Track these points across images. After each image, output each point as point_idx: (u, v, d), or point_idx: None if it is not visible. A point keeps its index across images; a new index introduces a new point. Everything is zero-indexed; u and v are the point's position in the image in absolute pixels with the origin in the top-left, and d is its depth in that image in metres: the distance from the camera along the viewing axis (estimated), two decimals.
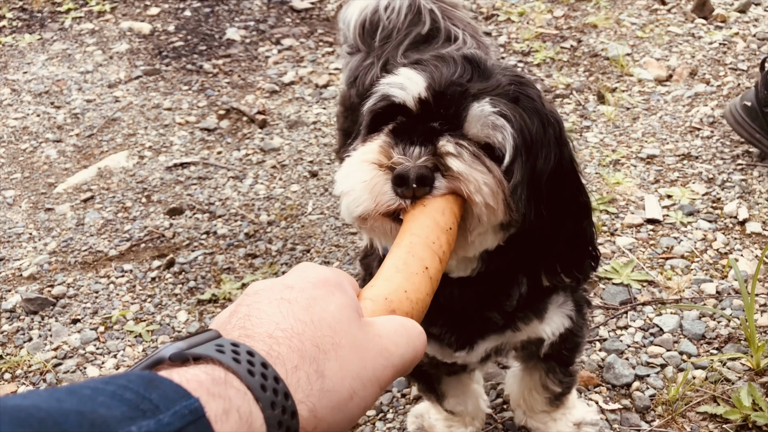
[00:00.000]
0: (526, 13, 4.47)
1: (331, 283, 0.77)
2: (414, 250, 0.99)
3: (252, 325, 0.70)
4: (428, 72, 1.23)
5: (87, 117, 3.93)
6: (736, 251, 2.63)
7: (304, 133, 3.62)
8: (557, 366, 1.85)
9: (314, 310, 0.73)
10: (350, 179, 1.18)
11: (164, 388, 0.59)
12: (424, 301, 0.93)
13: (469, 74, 1.21)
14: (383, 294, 0.89)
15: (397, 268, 0.95)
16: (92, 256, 2.95)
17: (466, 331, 1.53)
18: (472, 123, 1.17)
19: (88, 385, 0.58)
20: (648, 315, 2.40)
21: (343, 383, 0.70)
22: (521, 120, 1.20)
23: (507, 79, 1.23)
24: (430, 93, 1.19)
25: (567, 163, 1.32)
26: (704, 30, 4.13)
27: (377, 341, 0.75)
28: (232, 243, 2.94)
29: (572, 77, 3.81)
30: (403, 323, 0.81)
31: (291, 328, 0.70)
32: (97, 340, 2.55)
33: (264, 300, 0.73)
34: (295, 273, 0.79)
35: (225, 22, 4.81)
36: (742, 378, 2.16)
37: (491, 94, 1.19)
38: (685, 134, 3.30)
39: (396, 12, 2.13)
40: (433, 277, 0.97)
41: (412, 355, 0.79)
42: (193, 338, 0.68)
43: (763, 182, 2.95)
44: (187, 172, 3.41)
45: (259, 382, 0.64)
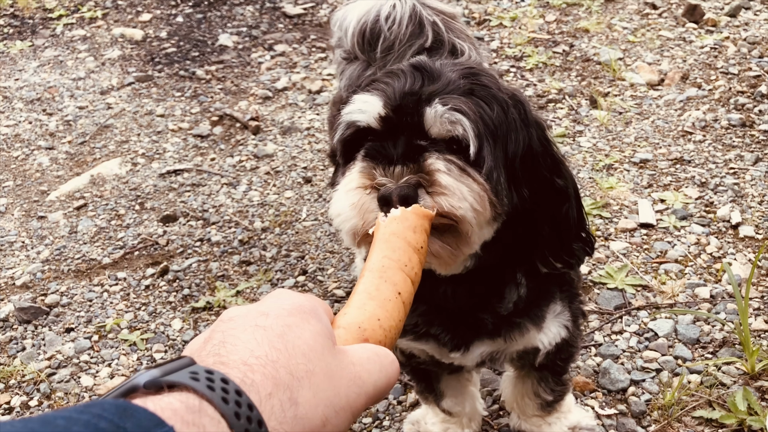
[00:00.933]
0: (518, 17, 4.48)
1: (306, 311, 0.78)
2: (386, 275, 0.99)
3: (227, 352, 0.71)
4: (381, 90, 1.29)
5: (79, 124, 3.91)
6: (730, 255, 2.64)
7: (297, 139, 3.62)
8: (550, 376, 1.87)
9: (289, 337, 0.73)
10: (339, 204, 1.24)
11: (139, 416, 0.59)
12: (397, 328, 0.94)
13: (420, 81, 1.27)
14: (356, 322, 0.90)
15: (370, 295, 0.95)
16: (85, 264, 2.94)
17: (460, 332, 1.55)
18: (431, 125, 1.23)
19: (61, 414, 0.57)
20: (643, 320, 2.41)
21: (316, 411, 0.70)
22: (478, 109, 1.25)
23: (457, 74, 1.29)
24: (389, 109, 1.26)
25: (537, 145, 1.35)
26: (695, 34, 4.15)
27: (350, 369, 0.76)
28: (226, 250, 2.93)
29: (565, 82, 3.82)
30: (376, 351, 0.82)
31: (265, 355, 0.70)
32: (91, 349, 2.54)
33: (239, 327, 0.74)
34: (270, 300, 0.80)
35: (217, 28, 4.81)
36: (737, 382, 2.16)
37: (441, 93, 1.25)
38: (677, 138, 3.32)
39: (398, 23, 2.12)
40: (406, 301, 0.98)
41: (384, 382, 0.80)
42: (167, 365, 0.68)
43: (755, 186, 2.97)
44: (181, 179, 3.40)
45: (233, 409, 0.64)
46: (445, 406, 1.96)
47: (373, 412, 2.21)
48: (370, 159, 1.24)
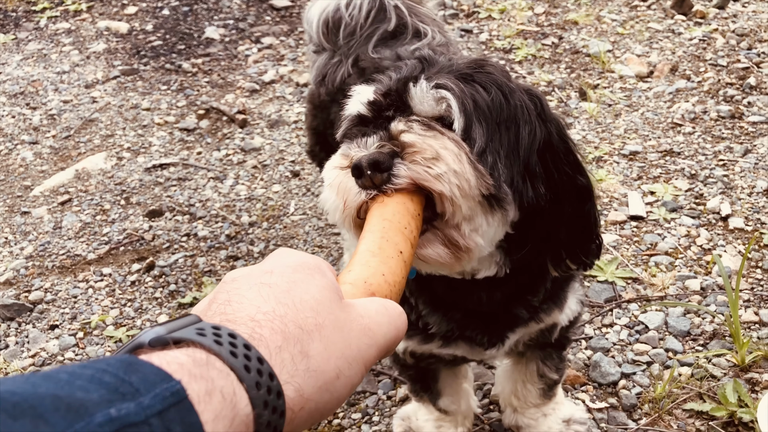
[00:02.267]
0: (506, 10, 4.46)
1: (311, 267, 0.77)
2: (387, 235, 1.00)
3: (233, 311, 0.69)
4: (378, 80, 1.27)
5: (64, 118, 3.86)
6: (720, 247, 2.63)
7: (285, 133, 3.58)
8: (554, 352, 1.87)
9: (295, 292, 0.72)
10: (324, 188, 1.22)
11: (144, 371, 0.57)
12: (401, 284, 0.95)
13: (418, 69, 1.25)
14: (362, 278, 0.91)
15: (373, 253, 0.96)
16: (70, 260, 2.90)
17: (496, 329, 1.55)
18: (416, 102, 1.19)
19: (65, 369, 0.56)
20: (633, 312, 2.40)
21: (328, 363, 0.70)
22: (471, 90, 1.20)
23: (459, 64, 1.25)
24: (379, 94, 1.24)
25: (557, 141, 1.29)
26: (684, 26, 4.15)
27: (360, 321, 0.76)
28: (213, 245, 2.90)
29: (554, 74, 3.80)
30: (383, 304, 0.82)
31: (273, 311, 0.69)
32: (76, 346, 2.50)
33: (243, 286, 0.73)
34: (273, 258, 0.79)
35: (204, 21, 4.75)
36: (728, 374, 2.15)
37: (432, 73, 1.22)
38: (667, 130, 3.31)
39: (357, 8, 2.14)
40: (407, 261, 1.00)
41: (394, 333, 0.80)
42: (172, 323, 0.67)
43: (744, 178, 2.96)
44: (167, 173, 3.36)
45: (243, 362, 0.63)
46: (441, 405, 1.93)
47: (362, 407, 2.19)
48: (349, 139, 1.22)
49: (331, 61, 2.22)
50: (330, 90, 2.16)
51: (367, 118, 1.25)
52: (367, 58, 2.09)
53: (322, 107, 2.24)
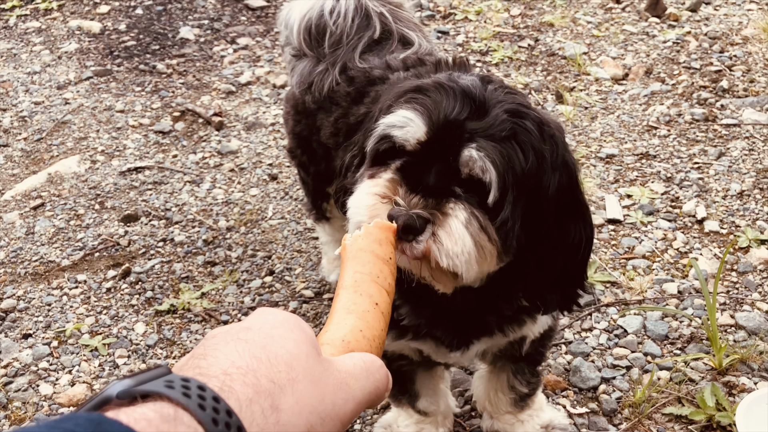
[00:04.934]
0: (483, 11, 4.47)
1: (290, 324, 0.77)
2: (360, 288, 1.00)
3: (207, 365, 0.70)
4: (426, 109, 1.30)
5: (35, 120, 3.79)
6: (696, 250, 2.66)
7: (262, 135, 3.55)
8: (526, 367, 1.89)
9: (271, 348, 0.72)
10: (358, 200, 1.30)
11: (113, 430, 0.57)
12: (380, 337, 0.95)
13: (467, 111, 1.28)
14: (339, 336, 0.90)
15: (348, 310, 0.96)
16: (43, 266, 2.84)
17: (463, 333, 1.59)
18: (463, 165, 1.27)
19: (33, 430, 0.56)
20: (612, 316, 2.42)
21: (300, 417, 0.69)
22: (512, 157, 1.27)
23: (504, 112, 1.29)
24: (429, 135, 1.28)
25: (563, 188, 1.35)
26: (658, 29, 4.19)
27: (336, 375, 0.75)
28: (190, 250, 2.86)
29: (530, 77, 3.82)
30: (362, 358, 0.82)
31: (246, 365, 0.69)
32: (50, 355, 2.45)
33: (221, 342, 0.73)
34: (254, 316, 0.80)
35: (178, 21, 4.69)
36: (705, 378, 2.18)
37: (483, 135, 1.27)
38: (642, 133, 3.34)
39: (342, 16, 2.12)
40: (385, 311, 0.99)
41: (373, 386, 0.80)
42: (141, 375, 0.67)
43: (719, 180, 3.00)
44: (142, 176, 3.32)
45: (211, 416, 0.63)
46: (420, 406, 1.95)
47: None
48: (401, 174, 1.29)
49: (317, 69, 2.17)
50: (317, 98, 2.14)
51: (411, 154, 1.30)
52: (356, 66, 2.07)
53: (307, 114, 2.22)
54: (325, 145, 2.14)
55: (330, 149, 2.11)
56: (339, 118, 2.03)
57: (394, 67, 2.00)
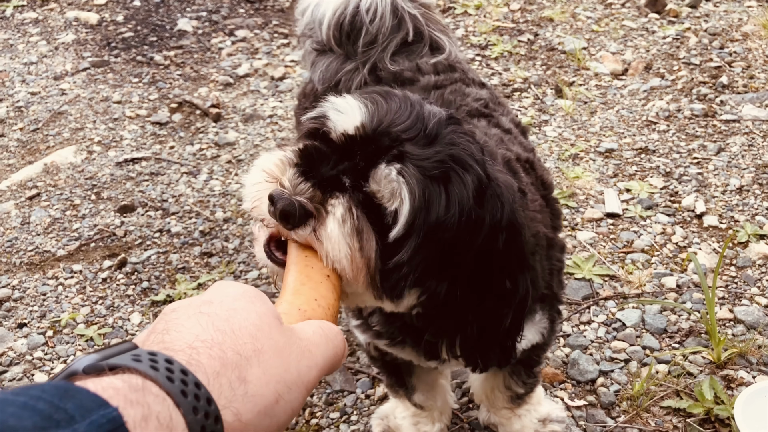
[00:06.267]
0: (482, 5, 4.45)
1: (250, 295, 0.78)
2: (310, 262, 1.02)
3: (171, 339, 0.70)
4: (372, 107, 1.14)
5: (31, 110, 3.76)
6: (695, 245, 2.65)
7: (260, 127, 3.53)
8: (522, 369, 1.85)
9: (234, 320, 0.73)
10: (247, 179, 1.17)
11: (80, 397, 0.57)
12: (334, 306, 0.97)
13: (412, 132, 1.11)
14: (295, 306, 0.92)
15: (302, 282, 0.99)
16: (39, 256, 2.82)
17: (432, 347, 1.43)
18: (375, 181, 1.09)
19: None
20: (610, 310, 2.41)
21: (267, 387, 0.70)
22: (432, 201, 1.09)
23: (449, 153, 1.12)
24: (358, 133, 1.12)
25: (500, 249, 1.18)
26: (657, 24, 4.18)
27: (299, 344, 0.77)
28: (186, 241, 2.85)
29: (530, 71, 3.80)
30: (320, 325, 0.84)
31: (211, 338, 0.70)
32: (45, 345, 2.43)
33: (182, 316, 0.73)
34: (214, 290, 0.81)
35: (176, 13, 4.67)
36: (704, 371, 2.17)
37: (413, 161, 1.09)
38: (642, 128, 3.33)
39: (380, 16, 2.02)
40: (335, 284, 1.02)
41: (332, 353, 0.81)
42: (107, 350, 0.67)
43: (718, 176, 2.99)
44: (139, 167, 3.29)
45: (179, 387, 0.63)
46: (416, 400, 1.93)
47: (340, 406, 2.17)
48: (300, 156, 1.13)
49: (344, 67, 2.09)
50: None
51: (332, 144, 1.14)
52: (386, 68, 2.01)
53: None
54: None
55: None
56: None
57: (425, 71, 1.96)
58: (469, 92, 1.87)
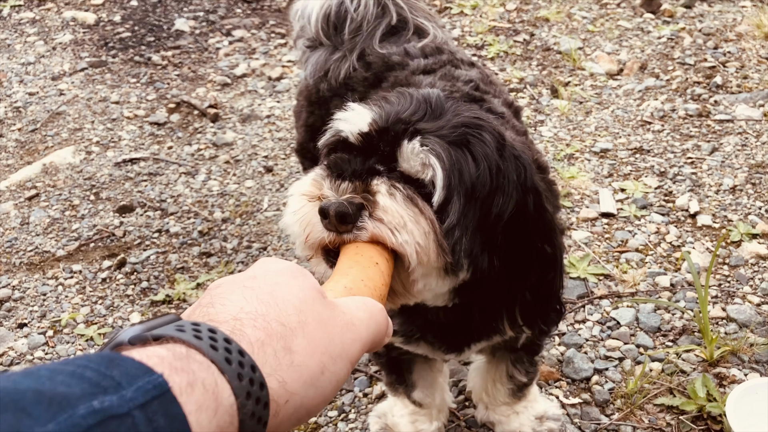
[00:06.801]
0: (479, 6, 4.47)
1: (293, 270, 0.79)
2: (361, 251, 1.06)
3: (216, 312, 0.71)
4: (379, 107, 1.23)
5: (30, 111, 3.78)
6: (688, 244, 2.68)
7: (257, 127, 3.55)
8: (525, 356, 1.89)
9: (278, 293, 0.74)
10: (287, 211, 1.20)
11: (125, 365, 0.58)
12: (380, 291, 0.98)
13: (420, 113, 1.20)
14: (342, 284, 0.94)
15: (350, 266, 1.01)
16: (39, 256, 2.84)
17: (455, 341, 1.55)
18: (403, 159, 1.17)
19: (45, 367, 0.57)
20: (605, 308, 2.44)
21: (312, 358, 0.71)
22: (461, 161, 1.17)
23: (458, 120, 1.20)
24: (373, 128, 1.20)
25: (531, 212, 1.27)
26: (653, 24, 4.21)
27: (342, 317, 0.77)
28: (185, 241, 2.87)
29: (526, 71, 3.83)
30: (363, 301, 0.84)
31: (255, 310, 0.71)
32: (45, 344, 2.46)
33: (227, 290, 0.74)
34: (257, 266, 0.81)
35: (174, 13, 4.69)
36: (697, 369, 2.20)
37: (431, 133, 1.17)
38: (636, 128, 3.36)
39: (364, 4, 2.12)
40: (384, 271, 1.03)
41: (375, 328, 0.82)
42: (151, 321, 0.68)
43: (712, 175, 3.02)
44: (137, 168, 3.32)
45: (223, 355, 0.64)
46: (416, 397, 1.95)
47: (338, 405, 2.19)
48: (327, 169, 1.19)
49: (333, 56, 2.18)
50: (332, 86, 2.14)
51: (354, 147, 1.21)
52: (374, 52, 2.08)
53: (321, 103, 2.21)
54: None
55: None
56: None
57: (413, 55, 2.02)
58: (459, 74, 1.90)
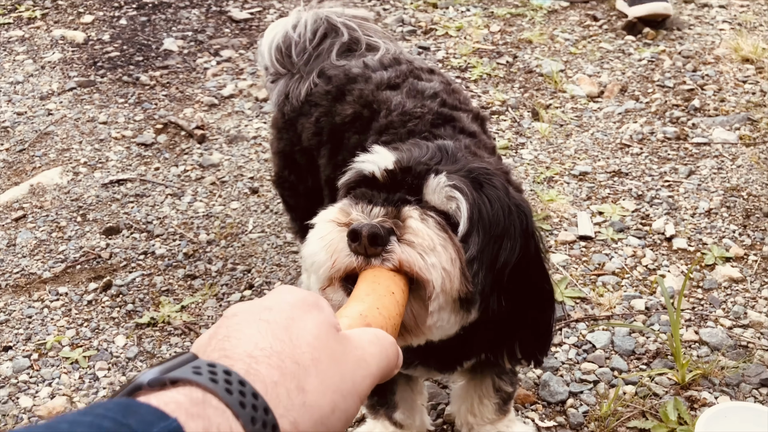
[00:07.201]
0: (463, 27, 4.55)
1: (309, 303, 0.80)
2: (378, 279, 1.09)
3: (231, 347, 0.72)
4: (400, 151, 1.35)
5: (18, 131, 3.81)
6: (664, 267, 2.74)
7: (244, 148, 3.60)
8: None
9: (293, 329, 0.75)
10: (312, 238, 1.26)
11: (142, 412, 0.60)
12: (395, 320, 1.00)
13: (438, 158, 1.34)
14: (357, 311, 0.95)
15: (367, 293, 1.03)
16: (25, 278, 2.88)
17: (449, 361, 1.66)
18: (430, 192, 1.28)
19: (64, 419, 0.59)
20: (581, 332, 2.49)
21: (324, 397, 0.72)
22: (479, 199, 1.29)
23: (472, 166, 1.35)
24: (398, 166, 1.31)
25: (532, 255, 1.41)
26: (634, 47, 4.29)
27: (354, 353, 0.78)
28: (170, 263, 2.91)
29: (508, 93, 3.90)
30: (376, 333, 0.85)
31: (270, 347, 0.71)
32: (30, 368, 2.49)
33: (243, 322, 0.75)
34: (273, 295, 0.82)
35: (162, 32, 4.74)
36: (669, 392, 2.26)
37: (452, 172, 1.30)
38: (615, 151, 3.43)
39: (303, 26, 2.29)
40: (400, 301, 1.06)
41: (386, 363, 0.83)
42: (169, 362, 0.70)
43: (688, 198, 3.09)
44: (124, 189, 3.35)
45: (238, 399, 0.66)
46: (397, 418, 2.01)
47: None
48: (355, 198, 1.28)
49: (291, 80, 2.30)
50: (295, 106, 2.24)
51: (379, 184, 1.31)
52: (333, 66, 2.20)
53: (288, 126, 2.31)
54: (308, 151, 2.21)
55: (313, 155, 2.18)
56: (320, 117, 2.13)
57: (373, 67, 2.11)
58: (423, 88, 1.99)
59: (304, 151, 2.24)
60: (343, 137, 2.03)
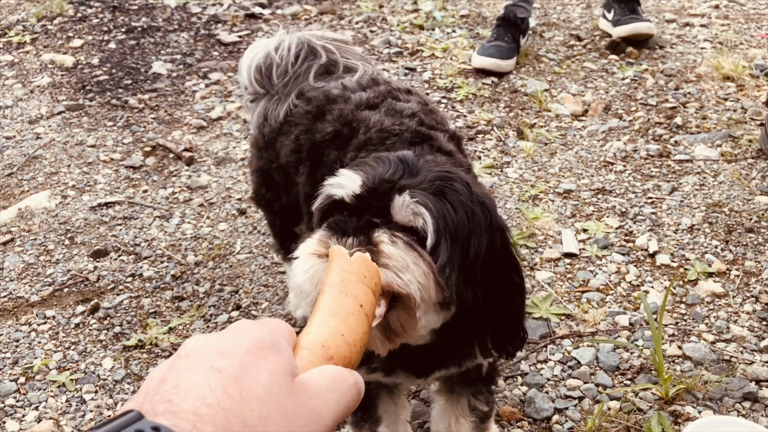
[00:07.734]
0: (449, 48, 4.60)
1: (266, 346, 0.77)
2: (346, 288, 1.00)
3: (178, 399, 0.71)
4: (364, 171, 1.43)
5: (6, 155, 3.83)
6: (647, 283, 2.77)
7: (232, 170, 3.63)
8: (483, 386, 2.01)
9: (244, 381, 0.73)
10: (296, 271, 1.34)
11: None
12: (362, 340, 0.95)
13: (400, 172, 1.41)
14: (320, 341, 0.89)
15: (332, 311, 0.95)
16: (12, 302, 2.88)
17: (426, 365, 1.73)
18: (396, 212, 1.36)
19: None
20: (566, 348, 2.51)
21: None
22: (443, 209, 1.37)
23: (433, 175, 1.42)
24: (364, 189, 1.39)
25: (500, 248, 1.49)
26: (617, 66, 4.35)
27: (308, 405, 0.76)
28: (158, 285, 2.92)
29: (493, 113, 3.94)
30: (334, 378, 0.82)
31: (218, 403, 0.70)
32: (17, 392, 2.48)
33: (194, 367, 0.74)
34: (229, 334, 0.80)
35: (151, 56, 4.78)
36: (653, 407, 2.28)
37: (415, 188, 1.38)
38: (599, 169, 3.47)
39: (286, 49, 2.34)
40: (369, 312, 0.99)
41: (344, 407, 0.80)
42: (114, 422, 0.69)
43: (671, 215, 3.13)
44: (112, 211, 3.37)
45: None
46: None
47: None
48: (330, 230, 1.35)
49: (270, 102, 2.35)
50: (274, 127, 2.30)
51: (349, 207, 1.39)
52: (312, 87, 2.26)
53: (267, 146, 2.35)
54: (285, 169, 2.25)
55: (290, 173, 2.22)
56: (300, 135, 2.18)
57: (352, 88, 2.16)
58: (402, 108, 2.05)
59: (281, 168, 2.29)
60: (322, 154, 2.06)
